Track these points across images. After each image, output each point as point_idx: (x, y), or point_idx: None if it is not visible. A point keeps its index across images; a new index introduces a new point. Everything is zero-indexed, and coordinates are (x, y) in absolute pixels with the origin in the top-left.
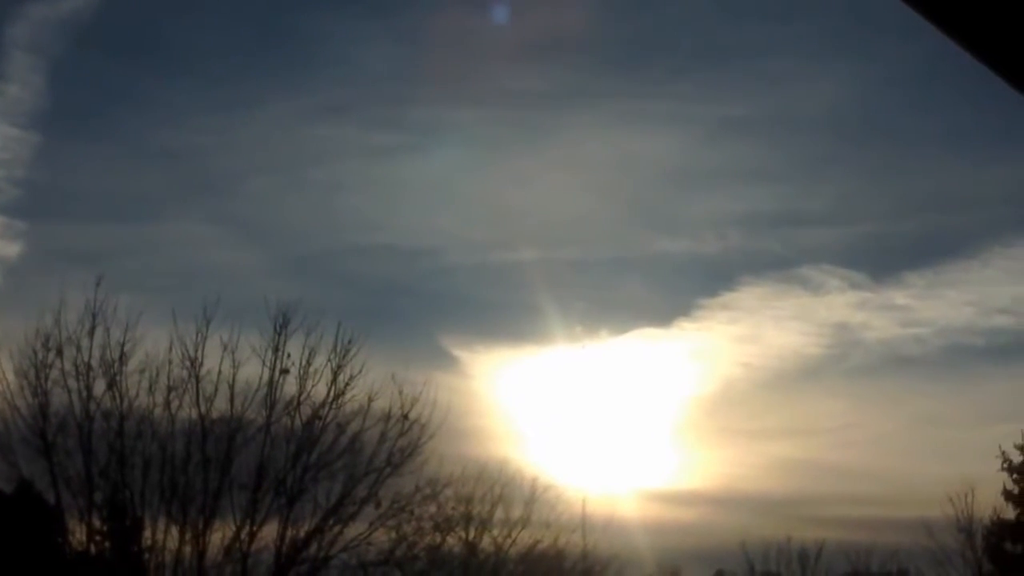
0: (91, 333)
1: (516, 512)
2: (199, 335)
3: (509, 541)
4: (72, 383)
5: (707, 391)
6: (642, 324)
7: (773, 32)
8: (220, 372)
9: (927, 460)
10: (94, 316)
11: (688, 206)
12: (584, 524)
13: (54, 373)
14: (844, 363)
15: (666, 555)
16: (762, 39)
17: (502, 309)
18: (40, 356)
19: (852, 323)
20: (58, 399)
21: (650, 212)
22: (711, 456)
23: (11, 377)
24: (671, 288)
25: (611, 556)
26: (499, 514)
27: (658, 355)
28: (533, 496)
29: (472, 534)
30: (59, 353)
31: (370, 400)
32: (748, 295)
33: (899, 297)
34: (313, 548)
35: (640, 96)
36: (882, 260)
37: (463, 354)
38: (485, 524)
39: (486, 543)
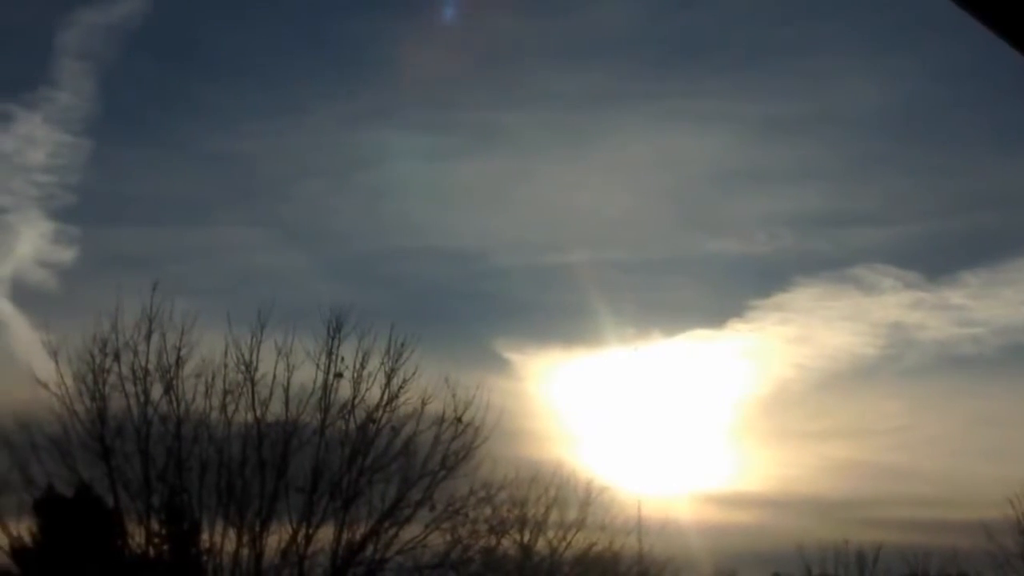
0: (148, 338)
1: (571, 515)
2: (254, 339)
3: (564, 544)
4: (130, 387)
5: (761, 392)
6: (694, 325)
7: (820, 29)
8: (275, 376)
9: (985, 461)
10: (150, 321)
11: (739, 206)
12: (639, 527)
13: (112, 378)
14: (899, 363)
15: (722, 558)
16: (810, 36)
17: (553, 311)
18: (98, 361)
19: (907, 323)
20: (116, 403)
21: (700, 212)
22: (766, 458)
23: (70, 382)
24: (723, 289)
25: (667, 559)
26: (554, 517)
27: (711, 356)
28: (588, 499)
29: (527, 537)
30: (116, 358)
31: (424, 403)
32: (801, 295)
33: (955, 296)
34: (369, 550)
35: (688, 95)
36: (937, 259)
37: (515, 357)
38: (540, 527)
39: (541, 545)
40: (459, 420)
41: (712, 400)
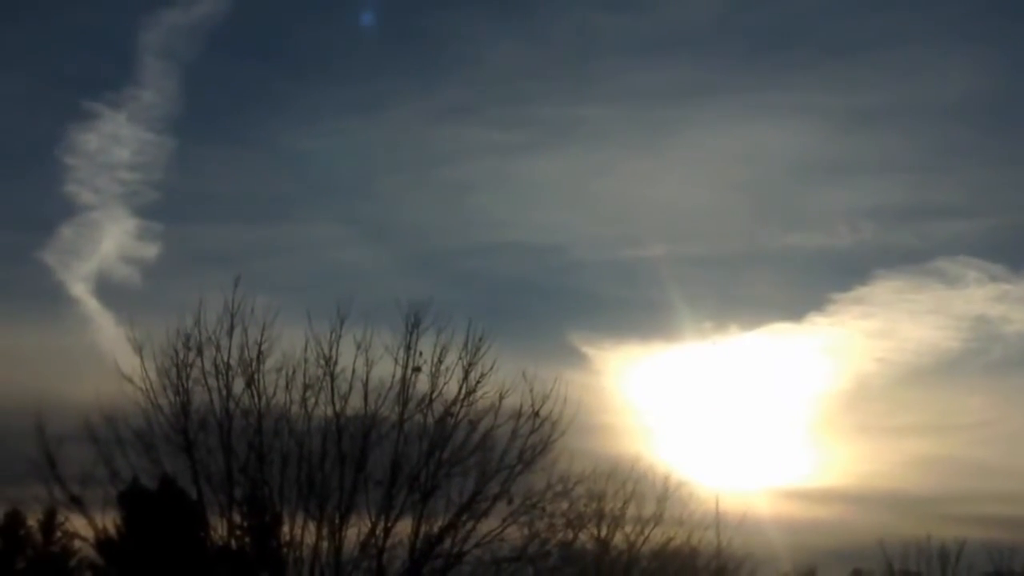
0: (230, 333)
1: (648, 509)
2: (333, 334)
3: (641, 538)
4: (212, 382)
5: (841, 387)
6: (773, 319)
7: (902, 20)
8: (354, 370)
9: None
10: (232, 316)
11: (818, 199)
12: (718, 522)
13: (195, 372)
14: (983, 357)
15: (802, 554)
16: (892, 28)
17: (630, 305)
18: (181, 356)
19: (991, 316)
20: (199, 397)
21: (779, 206)
22: (847, 453)
23: (154, 377)
24: (802, 283)
25: (745, 554)
26: (631, 511)
27: (790, 350)
28: (665, 493)
29: (604, 531)
30: (199, 353)
31: (501, 397)
32: (882, 289)
33: None
34: (447, 543)
35: (767, 89)
36: (1022, 250)
37: (591, 351)
38: (617, 521)
39: (618, 540)
40: (536, 414)
41: (791, 394)
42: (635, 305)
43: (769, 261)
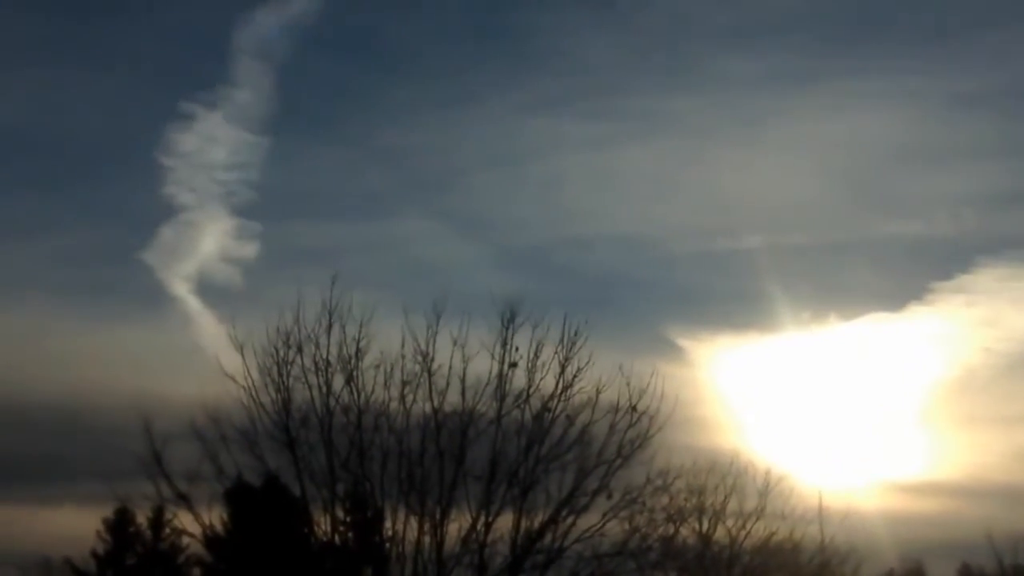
0: (328, 330)
1: (750, 503)
2: (430, 330)
3: (743, 533)
4: (312, 379)
5: (946, 378)
6: (873, 309)
7: (1001, 2)
8: (451, 366)
9: None
10: (330, 314)
11: (918, 186)
12: (821, 516)
13: (295, 370)
14: None
15: (908, 548)
16: (993, 10)
17: (726, 296)
18: (282, 354)
19: None
20: (300, 395)
21: (878, 193)
22: (953, 445)
23: (255, 375)
24: (902, 271)
25: (849, 549)
26: (733, 505)
27: (891, 341)
28: (767, 487)
29: (706, 525)
30: (299, 350)
31: (598, 392)
32: (986, 277)
33: None
34: (548, 539)
35: (863, 74)
36: None
37: (688, 343)
38: (719, 515)
39: (720, 534)
40: (634, 409)
41: (894, 385)
42: (732, 296)
43: (868, 250)
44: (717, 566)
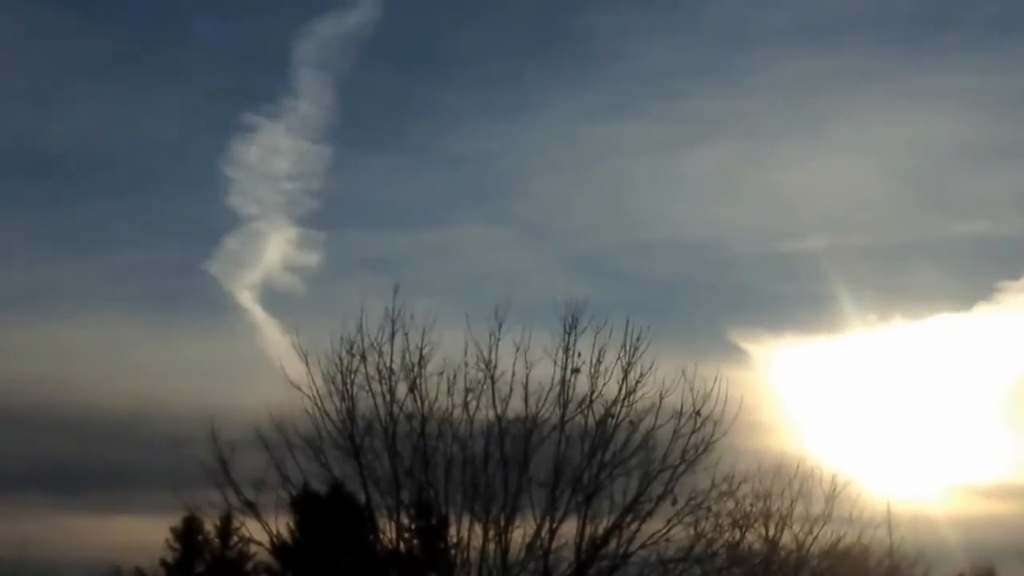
0: (391, 338)
1: (817, 508)
2: (492, 337)
3: (811, 538)
4: (376, 387)
5: (1017, 378)
6: (940, 310)
7: None
8: (514, 373)
9: None
10: (393, 322)
11: (984, 184)
12: (889, 520)
13: (359, 378)
14: None
15: (979, 552)
16: None
17: (789, 299)
18: (345, 362)
19: None
20: (364, 403)
21: (944, 192)
22: None
23: (320, 383)
24: (969, 271)
25: (918, 553)
26: (799, 510)
27: (959, 342)
28: (834, 491)
29: (772, 530)
30: (363, 358)
31: (661, 397)
32: None
33: None
34: (612, 545)
35: (928, 72)
36: None
37: (751, 346)
38: (785, 520)
39: (787, 539)
40: (698, 413)
41: (962, 387)
42: (796, 299)
43: (933, 249)
44: (784, 571)
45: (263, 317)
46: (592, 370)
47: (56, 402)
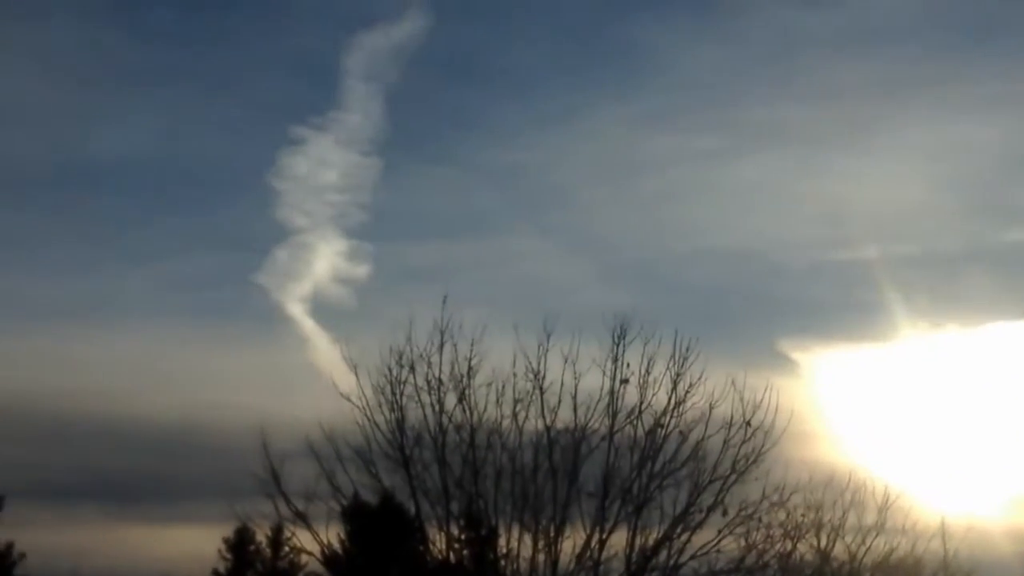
0: (440, 349)
1: (869, 518)
2: (541, 347)
3: (863, 549)
4: (425, 398)
5: None
6: (994, 318)
7: None
8: (563, 383)
9: None
10: (442, 333)
11: None
12: (943, 530)
13: (408, 389)
14: None
15: None
16: None
17: (839, 308)
18: (395, 373)
19: None
20: (413, 413)
21: (995, 200)
22: None
23: (369, 394)
24: (1022, 279)
25: (973, 565)
26: (851, 520)
27: (1014, 350)
28: (886, 501)
29: (824, 541)
30: (412, 369)
31: (711, 407)
32: None
33: None
34: (663, 556)
35: (979, 79)
36: None
37: (801, 356)
38: (837, 531)
39: (839, 551)
40: (748, 423)
41: (1018, 396)
42: (846, 307)
43: (986, 258)
44: None
45: (313, 328)
46: (641, 380)
47: (109, 413)
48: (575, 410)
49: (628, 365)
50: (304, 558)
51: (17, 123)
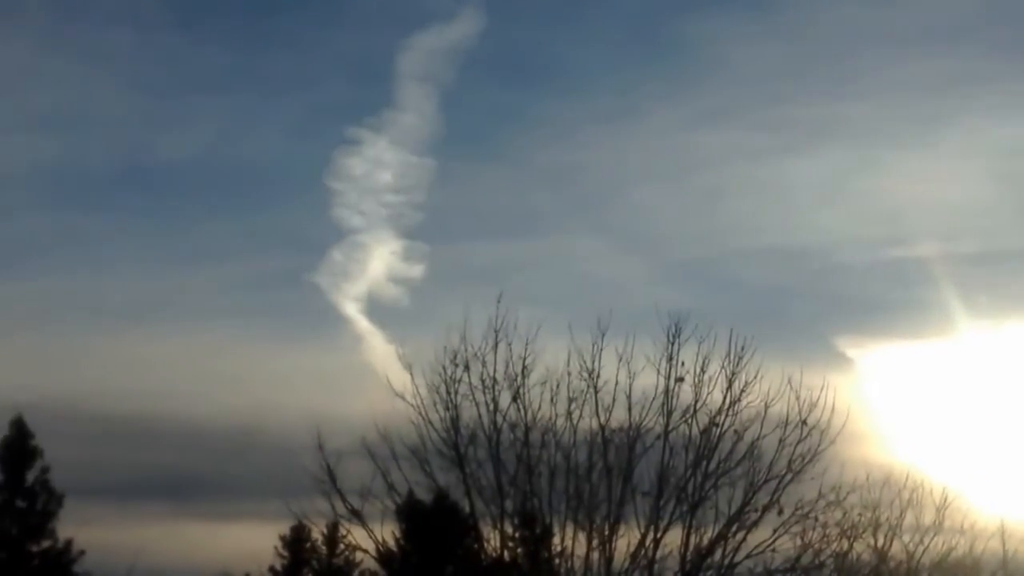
0: (495, 348)
1: (927, 518)
2: (595, 346)
3: (921, 548)
4: (479, 396)
5: None
6: None
7: None
8: (617, 382)
9: None
10: (496, 332)
11: None
12: (1003, 530)
13: (463, 388)
14: None
15: None
16: None
17: (898, 306)
18: (449, 372)
19: None
20: (467, 412)
21: None
22: None
23: (424, 393)
24: None
25: None
26: (909, 520)
27: None
28: (944, 501)
29: (881, 541)
30: (466, 368)
31: (766, 406)
32: None
33: None
34: (717, 555)
35: None
36: None
37: (858, 354)
38: (894, 530)
39: (896, 550)
40: (804, 422)
41: None
42: (904, 306)
43: None
44: None
45: (368, 328)
46: (696, 379)
47: (168, 412)
48: (629, 409)
49: (683, 364)
50: (359, 555)
51: (86, 127)
